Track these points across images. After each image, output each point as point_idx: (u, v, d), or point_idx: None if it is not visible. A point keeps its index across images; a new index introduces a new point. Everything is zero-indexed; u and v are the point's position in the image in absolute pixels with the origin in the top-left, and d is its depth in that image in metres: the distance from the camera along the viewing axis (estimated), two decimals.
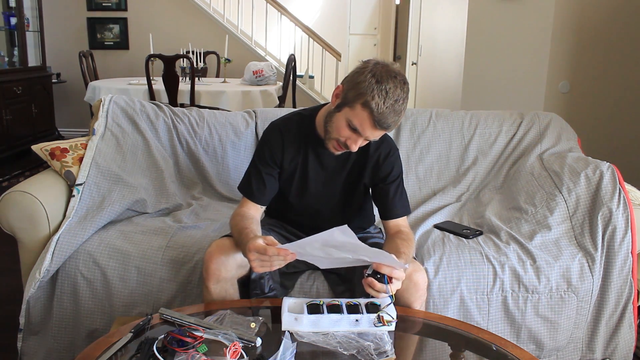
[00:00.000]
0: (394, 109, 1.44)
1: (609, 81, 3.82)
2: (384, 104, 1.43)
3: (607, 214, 1.96)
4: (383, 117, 1.44)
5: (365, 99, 1.44)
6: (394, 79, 1.45)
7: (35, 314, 1.89)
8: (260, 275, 1.64)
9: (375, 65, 1.48)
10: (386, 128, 1.48)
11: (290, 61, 4.86)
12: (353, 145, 1.53)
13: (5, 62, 5.30)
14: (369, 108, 1.44)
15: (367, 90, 1.44)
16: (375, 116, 1.44)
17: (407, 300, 1.56)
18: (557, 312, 1.87)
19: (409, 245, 1.60)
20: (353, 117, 1.48)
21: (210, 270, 1.55)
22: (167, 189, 2.21)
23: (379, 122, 1.45)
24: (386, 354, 1.28)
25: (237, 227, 1.58)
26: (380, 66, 1.47)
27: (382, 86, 1.43)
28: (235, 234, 1.57)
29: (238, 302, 1.58)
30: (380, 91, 1.43)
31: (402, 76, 1.48)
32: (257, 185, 1.67)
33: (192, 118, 2.44)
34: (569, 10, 3.73)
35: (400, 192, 1.71)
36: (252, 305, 1.58)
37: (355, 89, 1.47)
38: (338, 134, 1.53)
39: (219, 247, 1.57)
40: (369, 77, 1.45)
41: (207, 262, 1.56)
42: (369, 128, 1.47)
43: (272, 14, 6.38)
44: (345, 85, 1.52)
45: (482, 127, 2.51)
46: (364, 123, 1.47)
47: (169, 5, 6.26)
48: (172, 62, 4.02)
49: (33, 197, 1.88)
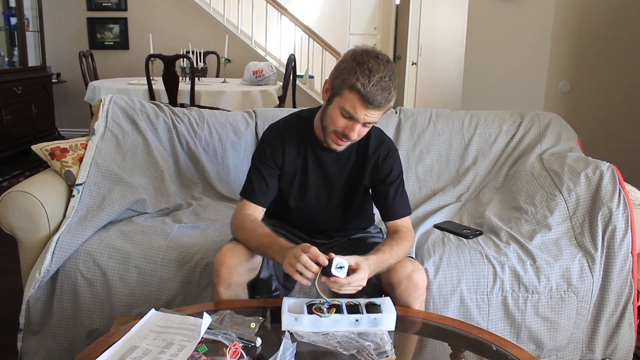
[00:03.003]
0: (381, 85, 1.45)
1: (609, 81, 3.82)
2: (369, 82, 1.44)
3: (607, 214, 1.96)
4: (371, 95, 1.45)
5: (350, 82, 1.46)
6: (376, 58, 1.47)
7: (35, 314, 1.89)
8: (269, 275, 1.64)
9: (355, 50, 1.51)
10: (378, 106, 1.48)
11: (290, 61, 4.86)
12: (352, 134, 1.53)
13: (5, 62, 5.30)
14: (356, 89, 1.45)
15: (351, 74, 1.46)
16: (363, 95, 1.45)
17: (407, 300, 1.56)
18: (557, 312, 1.87)
19: (399, 244, 1.59)
20: (344, 103, 1.49)
21: (221, 275, 1.53)
22: (167, 189, 2.21)
23: (369, 101, 1.46)
24: (386, 354, 1.28)
25: (254, 232, 1.56)
26: (359, 49, 1.50)
27: (364, 66, 1.45)
28: (255, 238, 1.55)
29: (238, 302, 1.57)
30: (363, 71, 1.44)
31: (384, 56, 1.50)
32: (260, 186, 1.66)
33: (192, 118, 2.44)
34: (569, 10, 3.73)
35: (400, 193, 1.71)
36: (253, 305, 1.58)
37: (339, 76, 1.49)
38: (334, 126, 1.54)
39: (231, 251, 1.56)
40: (350, 61, 1.48)
41: (218, 266, 1.54)
42: (361, 109, 1.48)
43: (272, 14, 6.37)
44: (330, 77, 1.54)
45: (482, 127, 2.51)
46: (355, 106, 1.47)
47: (169, 5, 6.26)
48: (172, 62, 4.02)
49: (33, 197, 1.88)
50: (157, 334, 1.30)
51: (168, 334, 1.30)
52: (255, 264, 1.59)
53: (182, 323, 1.35)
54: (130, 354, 1.22)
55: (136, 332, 1.31)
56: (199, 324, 1.29)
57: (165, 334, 1.30)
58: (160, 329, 1.33)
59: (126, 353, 1.22)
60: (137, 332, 1.31)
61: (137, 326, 1.34)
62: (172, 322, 1.36)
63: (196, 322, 1.33)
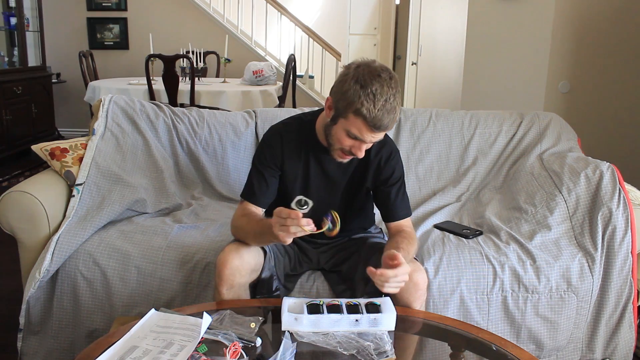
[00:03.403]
0: (386, 108, 1.43)
1: (609, 81, 3.82)
2: (374, 107, 1.42)
3: (607, 214, 1.96)
4: (377, 120, 1.44)
5: (355, 108, 1.44)
6: (379, 78, 1.44)
7: (35, 314, 1.89)
8: (270, 275, 1.64)
9: (357, 69, 1.46)
10: (385, 128, 1.48)
11: (290, 61, 4.86)
12: (358, 152, 1.53)
13: (5, 62, 5.30)
14: (362, 115, 1.44)
15: (355, 98, 1.43)
16: (369, 121, 1.44)
17: (407, 300, 1.56)
18: (557, 312, 1.87)
19: (410, 243, 1.60)
20: (349, 126, 1.48)
21: (224, 276, 1.53)
22: (167, 189, 2.22)
23: (376, 126, 1.45)
24: (386, 354, 1.28)
25: (250, 224, 1.57)
26: (361, 69, 1.46)
27: (367, 90, 1.42)
28: (252, 229, 1.56)
29: (238, 302, 1.57)
30: (367, 95, 1.42)
31: (387, 72, 1.46)
32: (260, 186, 1.66)
33: (192, 118, 2.44)
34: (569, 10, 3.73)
35: (402, 194, 1.71)
36: (253, 305, 1.58)
37: (343, 99, 1.46)
38: (341, 145, 1.54)
39: (233, 252, 1.55)
40: (353, 84, 1.44)
41: (220, 267, 1.54)
42: (367, 133, 1.47)
43: (272, 14, 6.37)
44: (333, 96, 1.51)
45: (482, 127, 2.51)
46: (361, 130, 1.47)
47: (169, 5, 6.26)
48: (172, 62, 4.02)
49: (33, 197, 1.88)
50: (157, 334, 1.30)
51: (168, 334, 1.30)
52: (257, 265, 1.59)
53: (182, 323, 1.35)
54: (130, 354, 1.22)
55: (136, 332, 1.31)
56: (199, 324, 1.29)
57: (165, 334, 1.30)
58: (160, 329, 1.33)
59: (126, 353, 1.22)
60: (137, 332, 1.31)
61: (137, 326, 1.34)
62: (172, 322, 1.36)
63: (196, 322, 1.33)
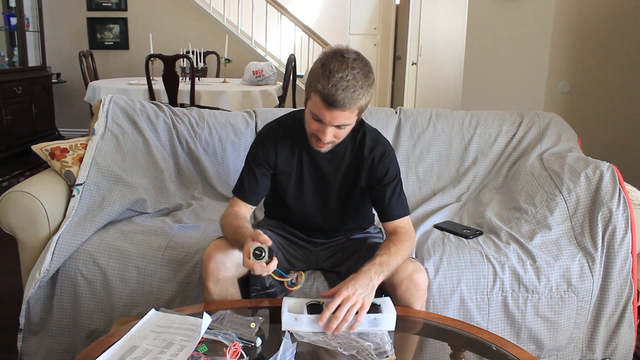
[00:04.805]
0: (341, 85, 1.42)
1: (609, 81, 3.82)
2: (328, 82, 1.42)
3: (607, 214, 1.96)
4: (331, 96, 1.43)
5: (315, 86, 1.46)
6: (341, 58, 1.45)
7: (35, 314, 1.89)
8: None
9: (325, 52, 1.50)
10: (341, 106, 1.44)
11: (290, 61, 4.86)
12: (322, 136, 1.52)
13: (5, 62, 5.30)
14: (318, 91, 1.45)
15: (315, 76, 1.46)
16: (322, 97, 1.44)
17: (408, 301, 1.56)
18: (557, 312, 1.87)
19: (397, 246, 1.57)
20: (312, 106, 1.49)
21: (209, 270, 1.55)
22: (167, 189, 2.21)
23: (329, 102, 1.44)
24: (386, 354, 1.28)
25: (230, 226, 1.58)
26: (329, 51, 1.49)
27: (326, 67, 1.44)
28: (230, 233, 1.57)
29: (238, 302, 1.58)
30: (324, 72, 1.44)
31: (353, 54, 1.48)
32: (250, 184, 1.68)
33: (192, 118, 2.44)
34: (569, 10, 3.73)
35: (397, 194, 1.69)
36: (252, 306, 1.58)
37: (308, 80, 1.50)
38: (310, 129, 1.55)
39: (217, 246, 1.57)
40: (317, 64, 1.48)
41: (205, 261, 1.56)
42: (324, 111, 1.46)
43: (272, 14, 6.37)
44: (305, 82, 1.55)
45: (482, 127, 2.51)
46: (319, 108, 1.47)
47: (169, 5, 6.26)
48: (172, 62, 4.02)
49: (33, 197, 1.88)
50: (157, 334, 1.30)
51: (168, 334, 1.30)
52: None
53: (182, 323, 1.35)
54: (130, 354, 1.22)
55: (136, 332, 1.31)
56: (199, 324, 1.29)
57: (165, 334, 1.30)
58: (160, 329, 1.33)
59: (126, 353, 1.22)
60: (137, 332, 1.31)
61: (137, 326, 1.34)
62: (172, 322, 1.36)
63: (196, 322, 1.33)
